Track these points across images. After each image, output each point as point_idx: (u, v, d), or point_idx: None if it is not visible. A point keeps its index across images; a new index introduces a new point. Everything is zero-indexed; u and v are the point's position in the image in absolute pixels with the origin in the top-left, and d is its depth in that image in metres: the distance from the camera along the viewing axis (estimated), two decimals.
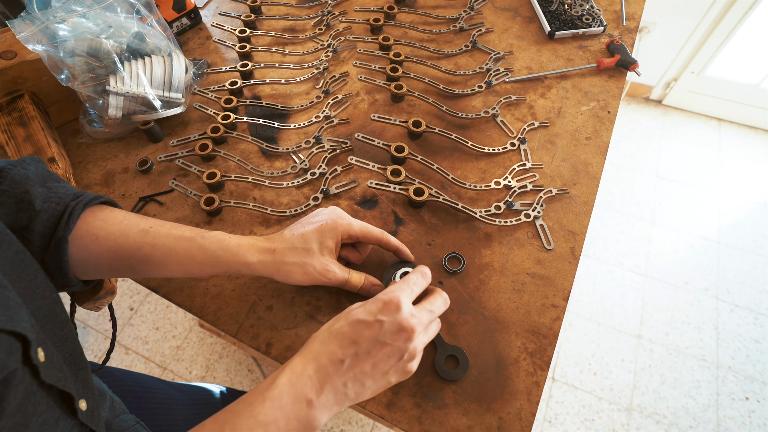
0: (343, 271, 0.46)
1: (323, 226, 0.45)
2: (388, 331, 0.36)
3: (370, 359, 0.36)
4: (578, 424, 1.23)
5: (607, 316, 1.40)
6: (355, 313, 0.38)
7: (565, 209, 0.59)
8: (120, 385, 0.59)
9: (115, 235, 0.42)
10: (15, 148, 0.59)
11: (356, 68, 0.74)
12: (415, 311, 0.39)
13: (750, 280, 1.45)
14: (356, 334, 0.36)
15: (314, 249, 0.44)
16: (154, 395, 0.62)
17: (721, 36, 1.58)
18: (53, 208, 0.40)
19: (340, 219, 0.46)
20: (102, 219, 0.43)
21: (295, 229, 0.46)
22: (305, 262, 0.44)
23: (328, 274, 0.45)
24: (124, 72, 0.62)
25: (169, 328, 1.40)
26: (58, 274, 0.40)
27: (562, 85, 0.72)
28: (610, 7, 0.82)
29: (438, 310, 0.42)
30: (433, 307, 0.41)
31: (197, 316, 0.52)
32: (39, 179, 0.41)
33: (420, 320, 0.39)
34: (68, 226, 0.40)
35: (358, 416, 1.24)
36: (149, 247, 0.42)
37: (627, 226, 1.58)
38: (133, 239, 0.42)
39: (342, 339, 0.36)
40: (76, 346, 0.37)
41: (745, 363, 1.31)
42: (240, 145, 0.66)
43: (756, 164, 1.72)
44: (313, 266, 0.44)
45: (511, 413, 0.45)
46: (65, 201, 0.41)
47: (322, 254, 0.45)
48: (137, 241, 0.42)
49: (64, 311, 0.37)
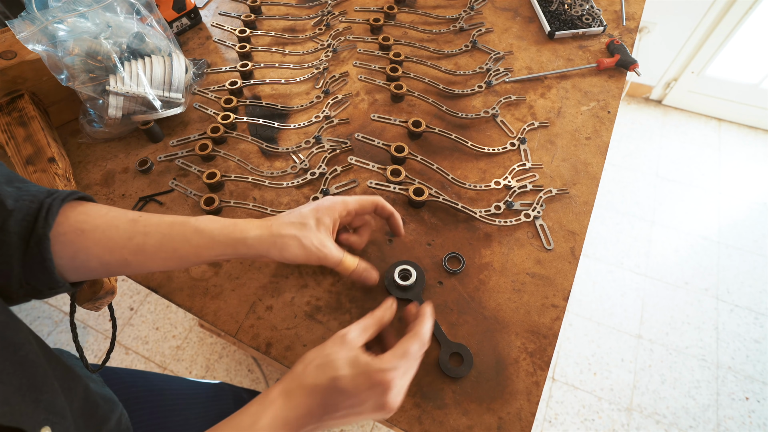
0: (338, 251, 0.46)
1: (319, 205, 0.45)
2: (370, 407, 0.37)
3: (345, 418, 0.37)
4: (578, 424, 1.23)
5: (607, 316, 1.40)
6: (342, 381, 0.36)
7: (565, 209, 0.59)
8: (129, 388, 0.58)
9: (103, 227, 0.40)
10: (15, 148, 0.59)
11: (356, 68, 0.74)
12: (402, 388, 0.38)
13: (750, 280, 1.45)
14: (338, 401, 0.36)
15: (311, 224, 0.44)
16: (165, 396, 0.61)
17: (721, 36, 1.58)
18: (27, 206, 0.38)
19: (335, 198, 0.47)
20: (85, 213, 0.41)
21: (291, 211, 0.46)
22: (303, 234, 0.43)
23: (324, 249, 0.44)
24: (124, 72, 0.62)
25: (169, 328, 1.40)
26: (43, 275, 0.38)
27: (562, 85, 0.72)
28: (610, 7, 0.82)
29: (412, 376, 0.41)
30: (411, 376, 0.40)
31: (197, 316, 0.52)
32: (4, 179, 0.39)
33: (403, 395, 0.38)
34: (47, 223, 0.37)
35: None
36: (141, 235, 0.40)
37: (627, 226, 1.58)
38: (123, 229, 0.40)
39: (323, 400, 0.36)
40: (38, 368, 0.35)
41: (745, 363, 1.31)
42: (240, 145, 0.66)
43: (756, 164, 1.72)
44: (310, 239, 0.43)
45: (511, 413, 0.45)
46: (39, 198, 0.39)
47: (319, 230, 0.44)
48: (128, 231, 0.40)
49: (21, 331, 0.35)
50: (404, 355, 0.38)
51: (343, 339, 0.39)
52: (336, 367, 0.37)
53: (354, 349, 0.38)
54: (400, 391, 0.38)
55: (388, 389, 0.36)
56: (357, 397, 0.36)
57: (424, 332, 0.41)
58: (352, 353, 0.37)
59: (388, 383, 0.36)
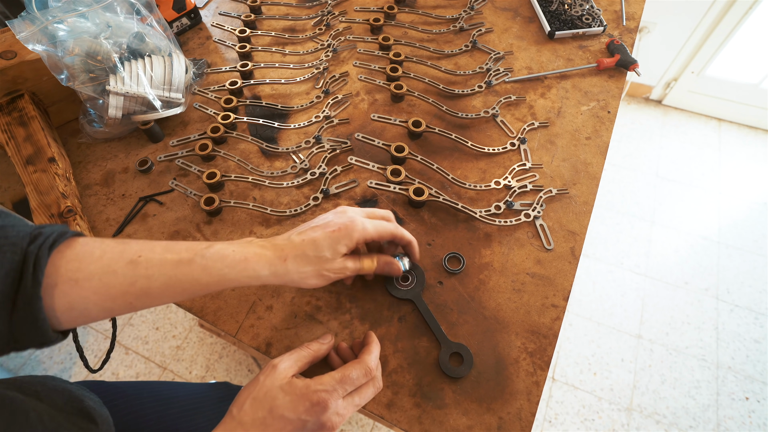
0: (356, 263, 0.45)
1: (336, 233, 0.42)
2: (310, 429, 0.37)
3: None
4: (578, 424, 1.23)
5: (607, 316, 1.40)
6: (280, 408, 0.37)
7: (565, 209, 0.59)
8: (134, 400, 0.57)
9: (99, 274, 0.37)
10: (15, 148, 0.59)
11: (356, 68, 0.74)
12: (341, 409, 0.38)
13: (750, 280, 1.45)
14: (277, 429, 0.37)
15: (328, 257, 0.41)
16: (172, 404, 0.60)
17: (721, 36, 1.58)
18: (9, 258, 0.34)
19: (352, 224, 0.43)
20: (76, 259, 0.37)
21: (305, 233, 0.42)
22: (319, 268, 0.41)
23: (342, 273, 0.43)
24: (124, 72, 0.62)
25: (169, 328, 1.40)
26: (35, 334, 0.35)
27: (562, 85, 0.72)
28: (610, 7, 0.82)
29: (366, 401, 0.42)
30: (362, 400, 0.41)
31: (197, 316, 0.52)
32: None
33: (344, 416, 0.39)
34: (36, 281, 0.34)
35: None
36: (144, 279, 0.37)
37: (627, 226, 1.58)
38: (122, 275, 0.37)
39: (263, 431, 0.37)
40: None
41: (745, 363, 1.31)
42: (240, 145, 0.66)
43: (756, 164, 1.72)
44: (328, 269, 0.42)
45: (511, 413, 0.45)
46: (21, 246, 0.35)
47: (335, 260, 0.42)
48: (128, 276, 0.37)
49: None
50: (342, 380, 0.39)
51: (275, 368, 0.39)
52: (272, 397, 0.37)
53: (286, 377, 0.39)
54: (339, 411, 0.38)
55: (325, 408, 0.37)
56: (297, 421, 0.37)
57: (369, 359, 0.42)
58: (284, 381, 0.38)
59: (325, 402, 0.37)
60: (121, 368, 1.32)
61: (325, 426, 0.37)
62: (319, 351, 0.44)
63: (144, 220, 0.59)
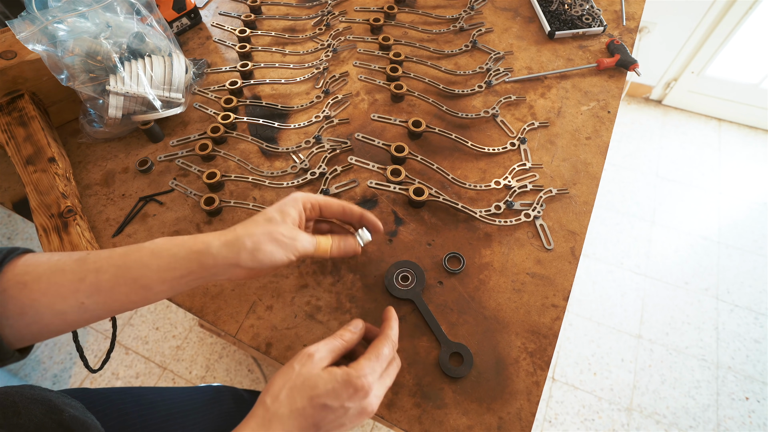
0: (311, 237, 0.44)
1: (282, 200, 0.43)
2: (352, 416, 0.37)
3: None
4: (578, 424, 1.23)
5: (607, 316, 1.40)
6: (323, 397, 0.35)
7: (565, 209, 0.59)
8: (118, 407, 0.55)
9: (48, 274, 0.36)
10: (15, 148, 0.59)
11: (356, 68, 0.74)
12: (378, 390, 0.38)
13: (750, 280, 1.45)
14: (319, 418, 0.35)
15: (277, 218, 0.41)
16: (157, 408, 0.58)
17: (721, 36, 1.58)
18: None
19: (297, 192, 0.45)
20: (24, 265, 0.37)
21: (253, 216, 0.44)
22: (272, 230, 0.40)
23: (296, 240, 0.41)
24: (124, 72, 0.62)
25: (169, 328, 1.40)
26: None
27: (562, 85, 0.72)
28: (610, 7, 0.82)
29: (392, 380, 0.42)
30: (390, 380, 0.41)
31: (197, 316, 0.52)
32: None
33: (380, 398, 0.39)
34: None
35: None
36: (93, 273, 0.36)
37: (627, 226, 1.58)
38: (71, 271, 0.36)
39: (303, 422, 0.35)
40: None
41: (745, 363, 1.31)
42: (240, 145, 0.66)
43: (756, 164, 1.72)
44: (281, 232, 0.40)
45: (511, 413, 0.45)
46: None
47: (286, 221, 0.42)
48: (77, 272, 0.36)
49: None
50: (378, 358, 0.39)
51: (311, 357, 0.38)
52: (312, 385, 0.36)
53: (323, 365, 0.38)
54: (378, 394, 0.38)
55: (368, 393, 0.37)
56: (340, 409, 0.36)
57: (393, 334, 0.42)
58: (323, 369, 0.37)
59: (368, 387, 0.37)
60: (121, 368, 1.32)
61: (366, 411, 0.37)
62: (351, 341, 0.42)
63: (144, 220, 0.60)
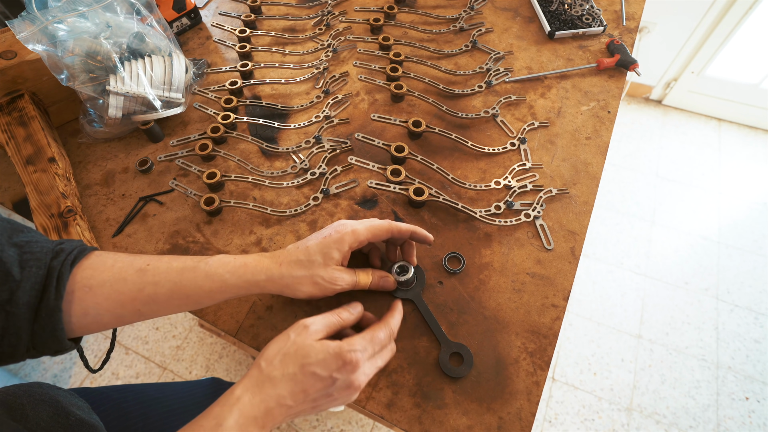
0: (351, 276, 0.46)
1: (327, 239, 0.44)
2: (339, 387, 0.39)
3: (314, 404, 0.39)
4: (578, 424, 1.23)
5: (607, 316, 1.40)
6: (312, 365, 0.37)
7: (565, 209, 0.59)
8: (120, 404, 0.57)
9: (111, 281, 0.40)
10: (15, 148, 0.59)
11: (356, 68, 0.74)
12: (367, 369, 0.40)
13: (750, 280, 1.45)
14: (308, 385, 0.37)
15: (319, 261, 0.43)
16: (158, 403, 0.59)
17: (721, 36, 1.58)
18: (35, 273, 0.37)
19: (343, 228, 0.45)
20: (91, 268, 0.40)
21: (299, 245, 0.45)
22: (312, 273, 0.43)
23: (335, 284, 0.44)
24: (124, 72, 0.62)
25: (169, 328, 1.40)
26: (53, 342, 0.38)
27: (562, 85, 0.72)
28: (610, 7, 0.82)
29: (384, 363, 0.43)
30: (382, 363, 0.43)
31: (197, 316, 0.52)
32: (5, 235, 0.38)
33: (369, 376, 0.41)
34: (59, 294, 0.37)
35: (358, 416, 1.24)
36: (152, 285, 0.40)
37: (627, 226, 1.58)
38: (132, 282, 0.40)
39: (293, 387, 0.37)
40: None
41: (745, 363, 1.31)
42: (240, 145, 0.66)
43: (756, 164, 1.72)
44: (321, 276, 0.43)
45: (511, 413, 0.45)
46: (45, 262, 0.38)
47: (328, 266, 0.44)
48: (137, 283, 0.40)
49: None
50: (372, 339, 0.41)
51: (307, 328, 0.40)
52: (304, 354, 0.38)
53: (317, 338, 0.39)
54: (366, 372, 0.40)
55: (356, 368, 0.39)
56: (328, 378, 0.38)
57: (393, 323, 0.44)
58: (317, 340, 0.39)
59: (357, 362, 0.39)
60: (121, 368, 1.32)
61: (353, 385, 0.39)
62: (348, 320, 0.44)
63: (144, 220, 0.60)
